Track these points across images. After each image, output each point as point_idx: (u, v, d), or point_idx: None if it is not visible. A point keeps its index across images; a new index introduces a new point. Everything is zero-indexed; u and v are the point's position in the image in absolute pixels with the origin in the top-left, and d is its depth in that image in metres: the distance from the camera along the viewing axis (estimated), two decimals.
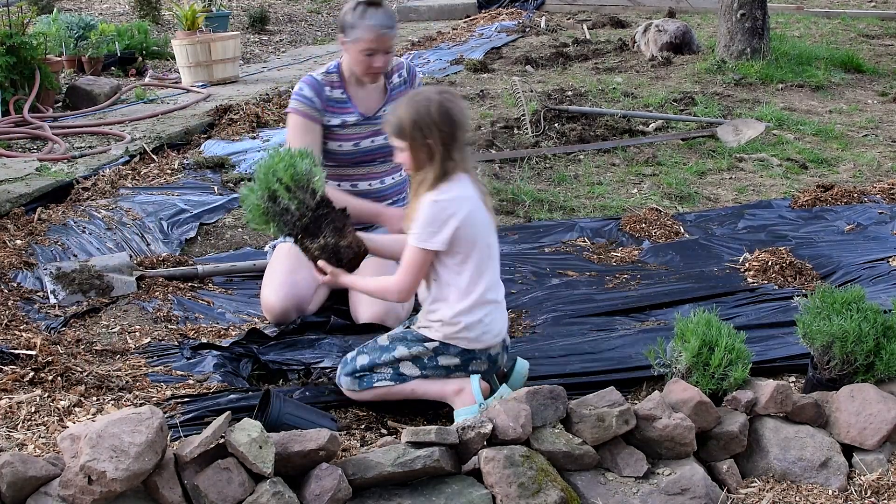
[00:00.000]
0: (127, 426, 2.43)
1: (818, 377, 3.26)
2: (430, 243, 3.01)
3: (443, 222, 2.99)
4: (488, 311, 3.12)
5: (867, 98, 8.70)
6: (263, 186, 3.12)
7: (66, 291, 4.17)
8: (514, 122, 7.45)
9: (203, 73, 8.93)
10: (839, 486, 2.94)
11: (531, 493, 2.66)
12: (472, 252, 3.06)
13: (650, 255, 4.89)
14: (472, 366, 3.18)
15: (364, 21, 3.78)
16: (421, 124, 3.01)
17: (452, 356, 3.16)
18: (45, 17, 10.25)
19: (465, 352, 3.15)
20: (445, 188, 3.03)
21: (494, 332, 3.17)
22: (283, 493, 2.51)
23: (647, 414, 2.93)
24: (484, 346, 3.16)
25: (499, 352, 3.23)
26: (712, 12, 12.20)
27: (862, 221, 5.28)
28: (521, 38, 12.10)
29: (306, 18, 14.14)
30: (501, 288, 3.23)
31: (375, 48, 3.81)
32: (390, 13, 3.83)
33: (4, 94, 7.24)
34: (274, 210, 3.14)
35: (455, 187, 3.04)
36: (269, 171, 3.12)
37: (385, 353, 3.21)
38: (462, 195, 3.04)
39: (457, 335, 3.12)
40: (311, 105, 3.94)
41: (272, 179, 3.11)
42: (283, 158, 3.14)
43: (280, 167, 3.11)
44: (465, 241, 3.04)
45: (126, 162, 6.25)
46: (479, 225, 3.08)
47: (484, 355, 3.18)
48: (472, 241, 3.05)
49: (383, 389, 3.22)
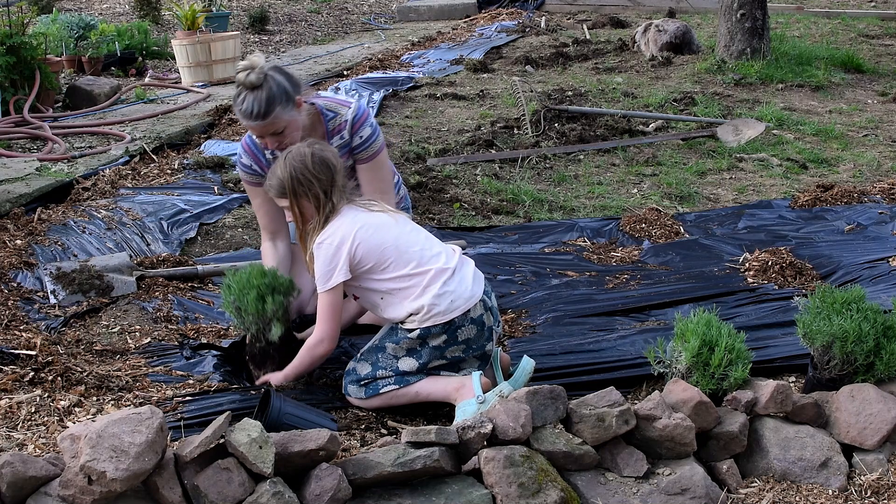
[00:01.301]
0: (127, 426, 2.43)
1: (818, 377, 3.26)
2: (331, 282, 3.18)
3: (334, 256, 3.17)
4: (443, 281, 3.19)
5: (867, 98, 8.70)
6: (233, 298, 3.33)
7: (66, 291, 4.17)
8: (514, 122, 7.46)
9: (203, 73, 8.93)
10: (839, 486, 2.94)
11: (531, 493, 2.66)
12: (382, 257, 3.20)
13: (650, 255, 4.89)
14: (460, 335, 3.22)
15: (236, 106, 3.50)
16: (301, 179, 3.23)
17: (437, 335, 3.21)
18: (45, 17, 10.25)
19: (447, 325, 3.19)
20: (327, 228, 3.23)
21: (464, 296, 3.21)
22: (283, 493, 2.51)
23: (647, 414, 2.93)
24: (459, 313, 3.19)
25: (482, 313, 3.25)
26: (712, 12, 12.20)
27: (862, 221, 5.28)
28: (521, 38, 12.10)
29: (306, 18, 14.15)
30: (445, 256, 3.28)
31: (256, 134, 3.58)
32: (267, 98, 3.42)
33: (4, 94, 7.24)
34: (239, 318, 3.37)
35: (335, 223, 3.23)
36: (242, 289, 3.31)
37: (380, 353, 3.26)
38: (341, 223, 3.23)
39: (429, 316, 3.18)
40: (251, 171, 3.74)
41: (242, 299, 3.31)
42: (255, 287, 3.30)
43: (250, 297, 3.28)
44: (369, 253, 3.19)
45: (126, 162, 6.26)
46: (376, 233, 3.22)
47: (466, 321, 3.21)
48: (377, 249, 3.20)
49: (390, 394, 3.25)
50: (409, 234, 3.29)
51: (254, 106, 3.41)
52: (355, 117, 3.69)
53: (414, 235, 3.30)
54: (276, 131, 3.49)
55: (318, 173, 3.23)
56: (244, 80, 3.42)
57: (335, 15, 14.70)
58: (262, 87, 3.42)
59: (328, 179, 3.24)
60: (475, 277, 3.30)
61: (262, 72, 3.43)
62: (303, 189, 3.23)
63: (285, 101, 3.46)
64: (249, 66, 3.44)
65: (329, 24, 13.92)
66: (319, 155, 3.26)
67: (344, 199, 3.30)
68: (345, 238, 3.18)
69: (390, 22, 14.37)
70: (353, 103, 3.73)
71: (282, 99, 3.45)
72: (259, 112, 3.42)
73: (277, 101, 3.43)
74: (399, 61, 10.59)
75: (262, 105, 3.41)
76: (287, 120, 3.48)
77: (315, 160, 3.24)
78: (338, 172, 3.28)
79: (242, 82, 3.43)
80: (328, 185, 3.25)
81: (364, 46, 11.68)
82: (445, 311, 3.18)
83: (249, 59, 3.47)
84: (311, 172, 3.23)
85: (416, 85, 9.09)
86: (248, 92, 3.42)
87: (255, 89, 3.42)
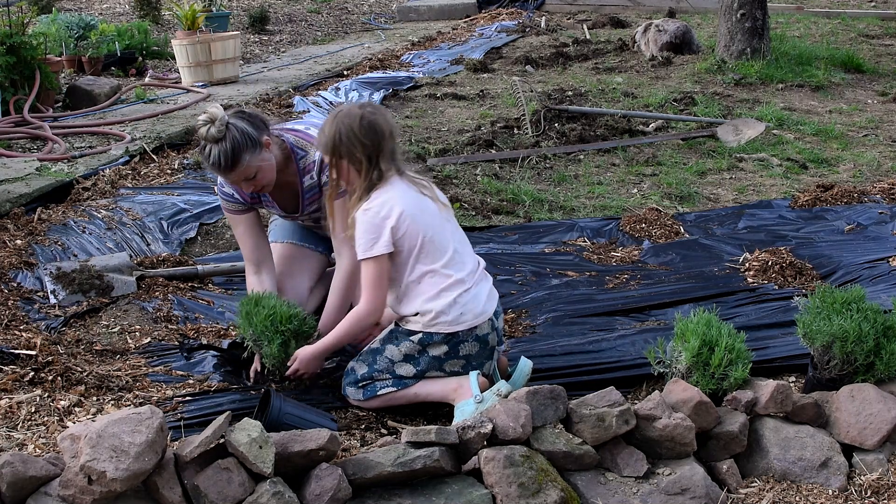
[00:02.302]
0: (127, 426, 2.43)
1: (818, 377, 3.26)
2: (373, 251, 3.09)
3: (378, 227, 3.09)
4: (459, 293, 3.14)
5: (867, 98, 8.70)
6: (251, 331, 3.35)
7: (66, 291, 4.17)
8: (514, 122, 7.46)
9: (203, 73, 8.92)
10: (839, 486, 2.94)
11: (531, 493, 2.66)
12: (416, 246, 3.12)
13: (650, 255, 4.89)
14: (462, 349, 3.19)
15: (204, 159, 3.47)
16: (345, 141, 3.11)
17: (439, 344, 3.17)
18: (45, 17, 10.25)
19: (450, 336, 3.16)
20: (374, 195, 3.13)
21: (475, 311, 3.17)
22: (283, 492, 2.51)
23: (647, 414, 2.93)
24: (465, 327, 3.16)
25: (487, 332, 3.22)
26: (712, 12, 12.20)
27: (862, 221, 5.28)
28: (521, 38, 12.10)
29: (306, 18, 14.14)
30: (470, 267, 3.23)
31: (229, 183, 3.55)
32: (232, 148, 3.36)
33: (4, 94, 7.23)
34: (255, 347, 3.39)
35: (384, 192, 3.13)
36: (263, 332, 3.31)
37: (378, 356, 3.24)
38: (391, 196, 3.12)
39: (434, 322, 3.14)
40: (233, 200, 3.70)
41: (263, 338, 3.32)
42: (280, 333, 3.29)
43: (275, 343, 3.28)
44: (407, 238, 3.10)
45: (126, 162, 6.25)
46: (420, 218, 3.13)
47: (471, 337, 3.18)
48: (414, 236, 3.11)
49: (388, 396, 3.25)
50: (447, 230, 3.21)
51: (220, 158, 3.36)
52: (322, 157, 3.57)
53: (450, 234, 3.21)
54: (247, 177, 3.44)
55: (364, 137, 3.10)
56: (206, 135, 3.36)
57: (335, 15, 14.70)
58: (224, 139, 3.35)
59: (374, 145, 3.11)
60: (490, 295, 3.25)
61: (223, 122, 3.36)
62: (346, 151, 3.12)
63: (251, 146, 3.39)
64: (209, 119, 3.37)
65: (329, 24, 13.92)
66: (369, 119, 3.12)
67: (394, 168, 3.17)
68: (390, 213, 3.08)
69: (390, 22, 14.37)
70: None
71: (247, 145, 3.38)
72: (227, 163, 3.36)
73: (243, 149, 3.37)
74: (399, 61, 10.59)
75: (227, 156, 3.35)
76: (257, 165, 3.42)
77: (363, 123, 3.10)
78: (386, 139, 3.13)
79: (204, 136, 3.37)
80: (373, 151, 3.11)
81: (364, 46, 11.68)
82: (451, 322, 3.14)
83: (208, 112, 3.39)
84: (356, 136, 3.09)
85: (416, 85, 9.09)
86: (213, 144, 3.36)
87: (218, 142, 3.35)
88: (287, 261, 3.88)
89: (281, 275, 3.83)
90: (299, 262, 3.90)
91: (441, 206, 3.24)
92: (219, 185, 3.73)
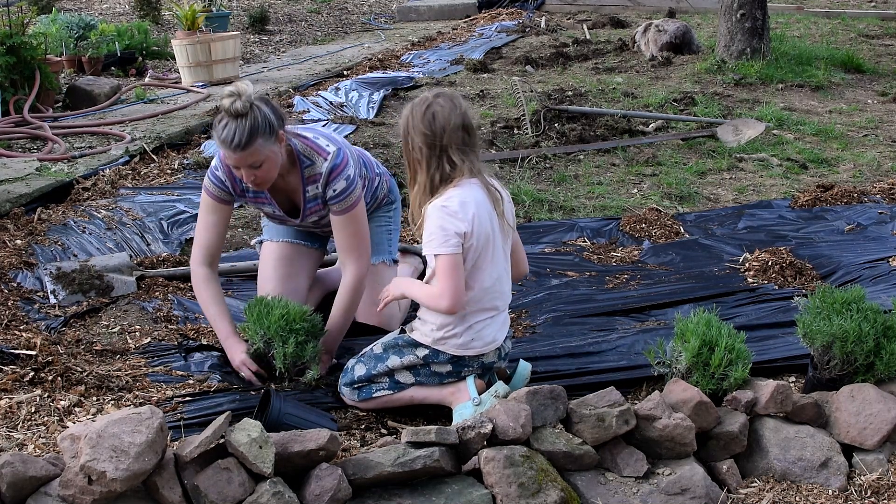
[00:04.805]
0: (127, 426, 2.43)
1: (818, 377, 3.26)
2: (443, 248, 2.95)
3: (449, 228, 2.95)
4: (480, 319, 3.10)
5: (867, 98, 8.70)
6: (262, 332, 3.32)
7: (66, 291, 4.17)
8: (514, 122, 7.46)
9: (203, 73, 8.93)
10: (839, 486, 2.94)
11: (531, 493, 2.66)
12: (476, 274, 3.03)
13: (650, 255, 4.89)
14: (465, 372, 3.18)
15: (216, 133, 3.31)
16: (406, 129, 3.02)
17: (443, 363, 3.15)
18: (45, 17, 10.25)
19: (455, 358, 3.14)
20: (452, 193, 2.98)
21: (486, 340, 3.14)
22: (283, 493, 2.51)
23: (647, 414, 2.93)
24: (473, 353, 3.14)
25: (493, 360, 3.21)
26: (712, 12, 12.20)
27: (862, 221, 5.28)
28: (521, 38, 12.10)
29: (306, 18, 14.14)
30: (504, 297, 3.18)
31: (232, 164, 3.38)
32: (251, 127, 3.26)
33: (4, 94, 7.23)
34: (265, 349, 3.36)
35: (460, 192, 2.98)
36: (278, 331, 3.28)
37: (379, 363, 3.22)
38: (470, 198, 2.98)
39: (444, 340, 3.11)
40: (222, 187, 3.57)
41: (277, 339, 3.29)
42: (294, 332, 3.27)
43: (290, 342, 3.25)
44: (472, 250, 2.99)
45: (126, 162, 6.25)
46: (481, 233, 3.00)
47: (475, 363, 3.17)
48: (473, 251, 3.00)
49: (383, 398, 3.24)
50: (499, 254, 3.08)
51: (235, 134, 3.24)
52: (331, 170, 3.49)
53: (502, 257, 3.10)
54: (253, 164, 3.33)
55: (426, 127, 2.96)
56: (229, 107, 3.25)
57: (335, 15, 14.70)
58: (246, 116, 3.25)
59: (434, 136, 2.96)
60: (503, 322, 3.21)
61: (249, 100, 3.26)
62: (407, 139, 3.02)
63: (268, 133, 3.30)
64: (236, 92, 3.27)
65: (329, 24, 13.92)
66: (433, 109, 2.98)
67: (466, 167, 2.99)
68: (463, 221, 2.94)
69: (390, 22, 14.37)
70: (331, 152, 3.51)
71: (265, 130, 3.28)
72: (240, 142, 3.25)
73: (260, 133, 3.27)
74: (399, 61, 10.59)
75: (243, 134, 3.24)
76: (266, 154, 3.33)
77: (427, 112, 2.97)
78: (450, 131, 2.95)
79: (227, 109, 3.25)
80: (433, 143, 2.97)
81: (364, 46, 11.68)
82: (460, 346, 3.12)
83: (237, 86, 3.30)
84: (415, 125, 2.97)
85: (416, 85, 9.09)
86: (231, 119, 3.25)
87: (238, 117, 3.25)
88: (286, 261, 3.87)
89: (281, 276, 3.82)
90: (297, 262, 3.90)
91: (506, 226, 3.11)
92: (211, 169, 3.58)
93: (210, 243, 3.60)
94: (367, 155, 3.89)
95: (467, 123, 3.02)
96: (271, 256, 3.89)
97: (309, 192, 3.57)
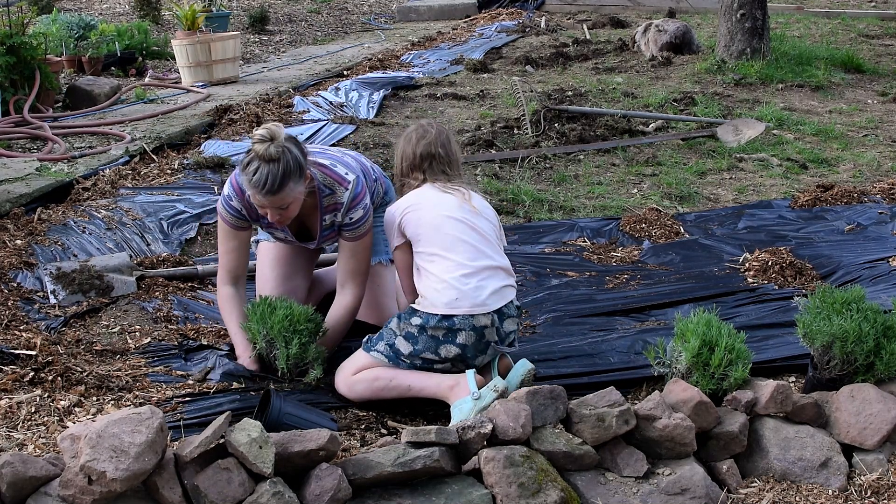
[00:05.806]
0: (127, 426, 2.43)
1: (818, 377, 3.26)
2: (392, 244, 3.45)
3: (392, 223, 3.41)
4: (460, 275, 3.24)
5: (867, 98, 8.70)
6: (265, 332, 3.39)
7: (66, 291, 4.17)
8: (514, 122, 7.46)
9: (203, 73, 8.93)
10: (839, 486, 2.94)
11: (531, 493, 2.66)
12: (418, 230, 3.35)
13: (650, 255, 4.89)
14: (458, 338, 3.22)
15: (246, 175, 3.28)
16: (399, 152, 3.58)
17: (436, 327, 3.23)
18: (45, 17, 10.25)
19: (446, 318, 3.21)
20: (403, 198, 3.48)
21: (474, 301, 3.21)
22: (283, 493, 2.51)
23: (647, 414, 2.93)
24: (462, 312, 3.20)
25: (485, 325, 3.24)
26: (712, 12, 12.20)
27: (862, 221, 5.28)
28: (521, 38, 12.10)
29: (306, 18, 14.14)
30: (485, 262, 3.30)
31: (259, 205, 3.36)
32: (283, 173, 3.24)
33: (4, 94, 7.23)
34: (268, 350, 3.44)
35: (407, 197, 3.46)
36: (281, 331, 3.34)
37: (385, 329, 3.36)
38: (408, 197, 3.44)
39: (435, 300, 3.22)
40: (239, 216, 3.55)
41: (280, 340, 3.35)
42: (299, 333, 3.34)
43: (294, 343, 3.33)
44: (424, 231, 3.33)
45: (126, 162, 6.25)
46: (421, 207, 3.37)
47: (467, 326, 3.21)
48: (415, 222, 3.36)
49: (380, 384, 3.27)
50: (459, 220, 3.35)
51: (268, 180, 3.22)
52: (352, 199, 3.51)
53: (468, 225, 3.36)
54: (282, 206, 3.33)
55: (406, 158, 3.53)
56: (262, 153, 3.23)
57: (335, 15, 14.70)
58: (279, 161, 3.23)
59: (406, 158, 3.53)
60: (498, 293, 3.28)
61: (281, 144, 3.25)
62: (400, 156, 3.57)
63: (298, 176, 3.30)
64: (269, 136, 3.25)
65: (329, 24, 13.92)
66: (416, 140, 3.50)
67: (431, 178, 3.49)
68: (399, 211, 3.40)
69: (390, 22, 14.37)
70: (350, 181, 3.52)
71: (295, 174, 3.28)
72: (272, 187, 3.23)
73: (291, 177, 3.26)
74: (399, 61, 10.59)
75: (276, 180, 3.23)
76: (295, 195, 3.33)
77: (407, 143, 3.53)
78: (419, 160, 3.49)
79: (260, 154, 3.23)
80: (404, 163, 3.53)
81: (364, 46, 11.68)
82: (446, 304, 3.20)
83: (269, 130, 3.27)
84: (400, 147, 3.56)
85: (416, 85, 9.09)
86: (264, 164, 3.23)
87: (271, 162, 3.23)
88: (283, 261, 3.87)
89: (279, 276, 3.82)
90: (295, 261, 3.90)
91: (461, 199, 3.42)
92: (225, 198, 3.54)
93: (234, 266, 3.65)
94: (365, 162, 3.90)
95: (432, 152, 3.50)
96: (268, 256, 3.90)
97: (326, 221, 3.58)
